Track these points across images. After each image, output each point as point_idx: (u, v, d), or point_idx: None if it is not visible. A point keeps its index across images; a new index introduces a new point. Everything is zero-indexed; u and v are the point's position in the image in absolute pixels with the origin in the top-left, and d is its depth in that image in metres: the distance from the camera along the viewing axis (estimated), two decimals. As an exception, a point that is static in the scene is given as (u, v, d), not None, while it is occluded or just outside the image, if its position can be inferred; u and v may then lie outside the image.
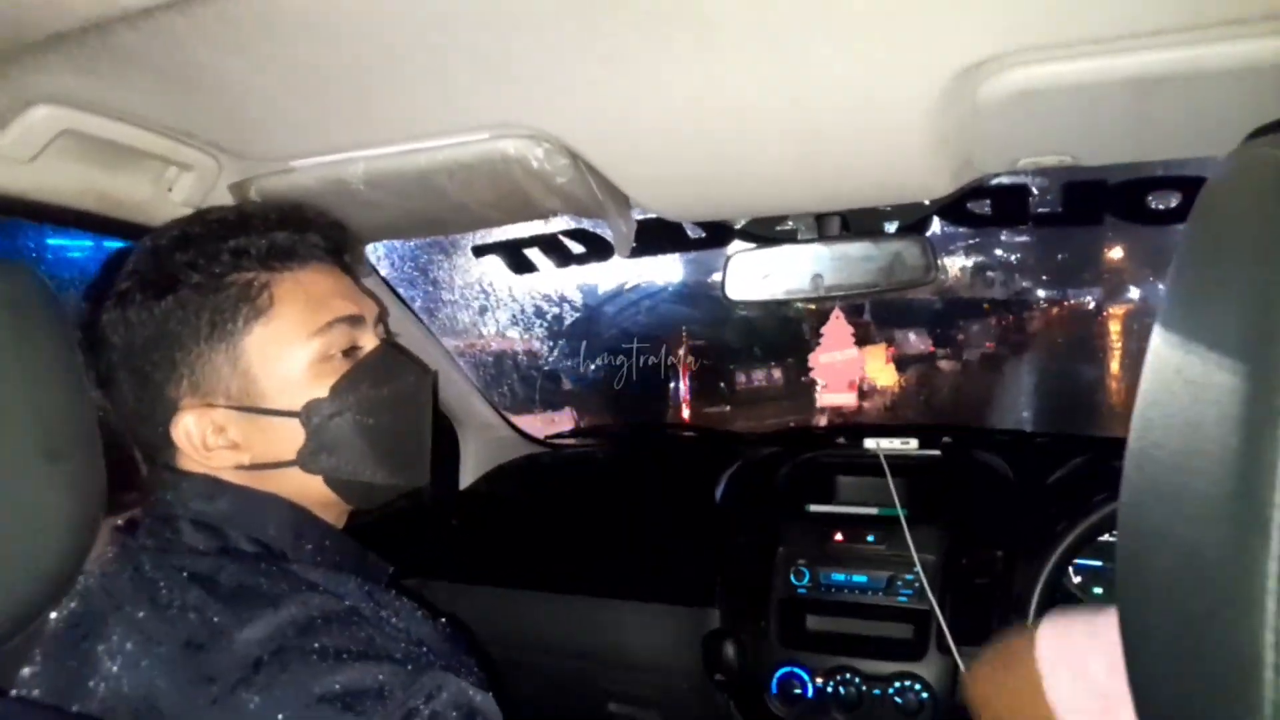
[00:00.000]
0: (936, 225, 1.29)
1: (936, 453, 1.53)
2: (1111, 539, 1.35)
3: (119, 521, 0.79)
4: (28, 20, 0.62)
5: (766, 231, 1.21)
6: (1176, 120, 0.82)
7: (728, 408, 7.71)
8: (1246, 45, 0.67)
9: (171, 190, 0.97)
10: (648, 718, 1.60)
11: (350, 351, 0.83)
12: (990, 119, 0.80)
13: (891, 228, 1.18)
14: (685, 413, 7.08)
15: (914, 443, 1.53)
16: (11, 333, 0.55)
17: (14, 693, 0.67)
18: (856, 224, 1.17)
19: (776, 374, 8.44)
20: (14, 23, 0.62)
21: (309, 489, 0.82)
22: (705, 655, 1.47)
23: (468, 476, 1.82)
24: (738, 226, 1.26)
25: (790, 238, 1.19)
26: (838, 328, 1.22)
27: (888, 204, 1.08)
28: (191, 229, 0.80)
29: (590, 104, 0.83)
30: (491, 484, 1.84)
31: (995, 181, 1.12)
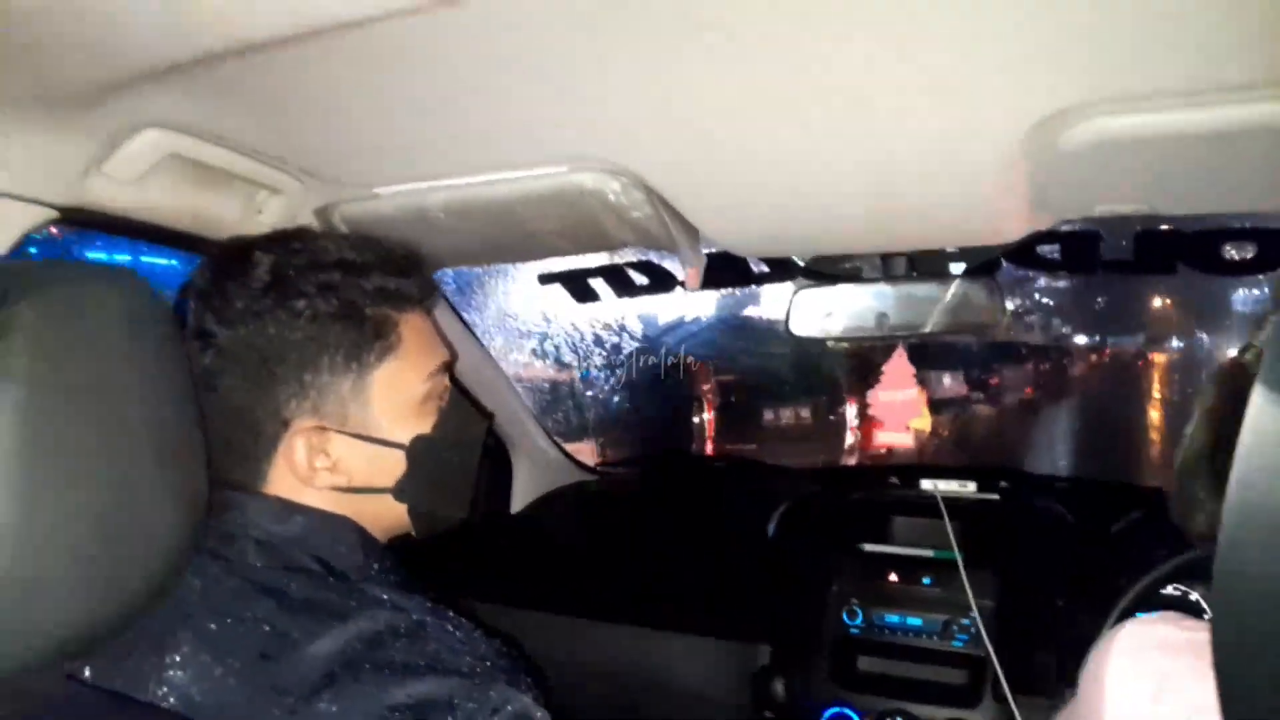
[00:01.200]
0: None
1: (995, 496, 1.51)
2: (1175, 592, 1.32)
3: None
4: (149, 50, 0.66)
5: (831, 269, 1.21)
6: (1257, 173, 0.81)
7: (754, 445, 7.59)
8: None
9: (261, 213, 1.01)
10: (692, 752, 1.59)
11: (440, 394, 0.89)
12: (1069, 167, 0.80)
13: (958, 269, 1.18)
14: (709, 449, 6.99)
15: (972, 485, 1.52)
16: (127, 341, 0.57)
17: None
18: (922, 265, 1.17)
19: (805, 413, 8.33)
20: (136, 52, 0.66)
21: (384, 515, 0.86)
22: (754, 691, 1.46)
23: (519, 501, 1.84)
24: (802, 264, 1.27)
25: (855, 276, 1.19)
26: (900, 366, 1.22)
27: (958, 246, 1.08)
28: (329, 255, 0.82)
29: (668, 140, 0.84)
30: (543, 509, 1.86)
31: (1066, 227, 1.12)
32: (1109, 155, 0.77)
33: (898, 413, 1.25)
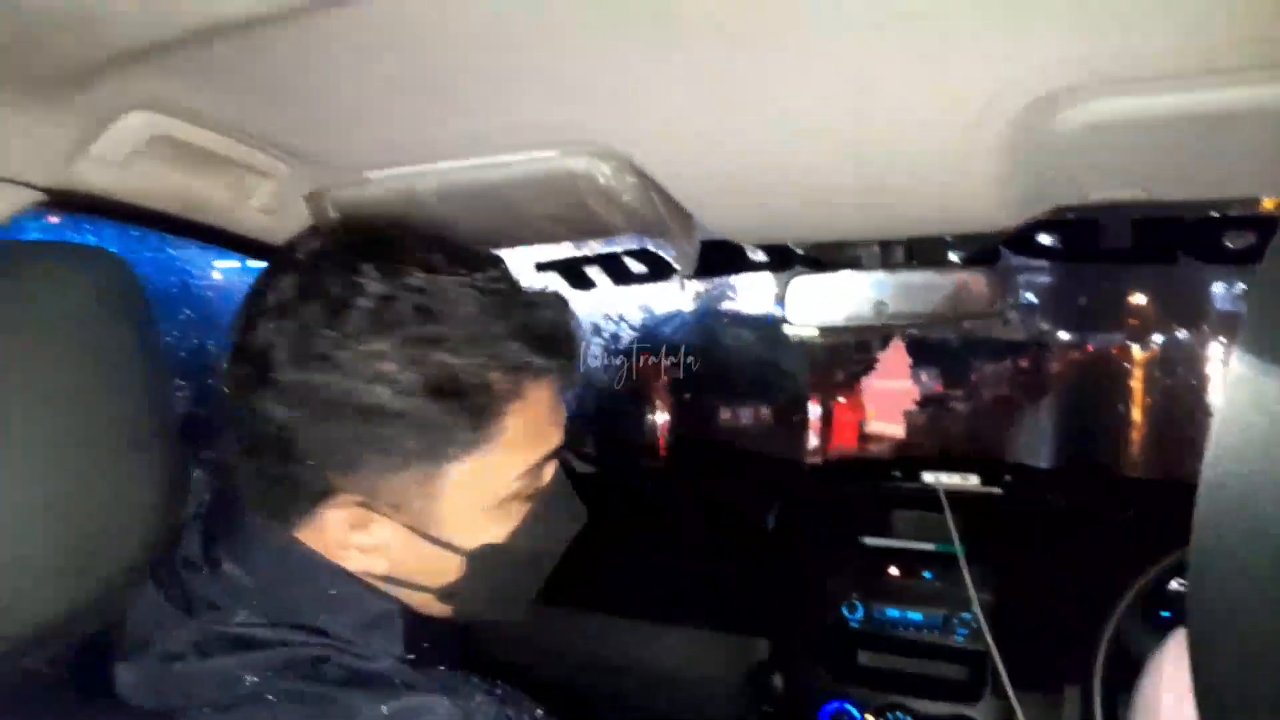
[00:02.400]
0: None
1: (998, 490, 1.50)
2: (1180, 587, 1.31)
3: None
4: (132, 29, 0.65)
5: (828, 256, 1.20)
6: (1255, 157, 0.80)
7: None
8: None
9: (251, 197, 1.01)
10: (690, 746, 1.59)
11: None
12: (1064, 150, 0.79)
13: (957, 257, 1.17)
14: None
15: (975, 478, 1.50)
16: (100, 321, 0.57)
17: None
18: (921, 252, 1.15)
19: (765, 412, 7.98)
20: (120, 33, 0.66)
21: (420, 605, 0.73)
22: (753, 686, 1.45)
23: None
24: (800, 251, 1.25)
25: (854, 263, 1.18)
26: (897, 357, 1.21)
27: (954, 233, 1.07)
28: (445, 300, 0.65)
29: (659, 123, 0.84)
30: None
31: (1066, 216, 1.10)
32: (1105, 139, 0.76)
33: (891, 401, 1.24)
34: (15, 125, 0.77)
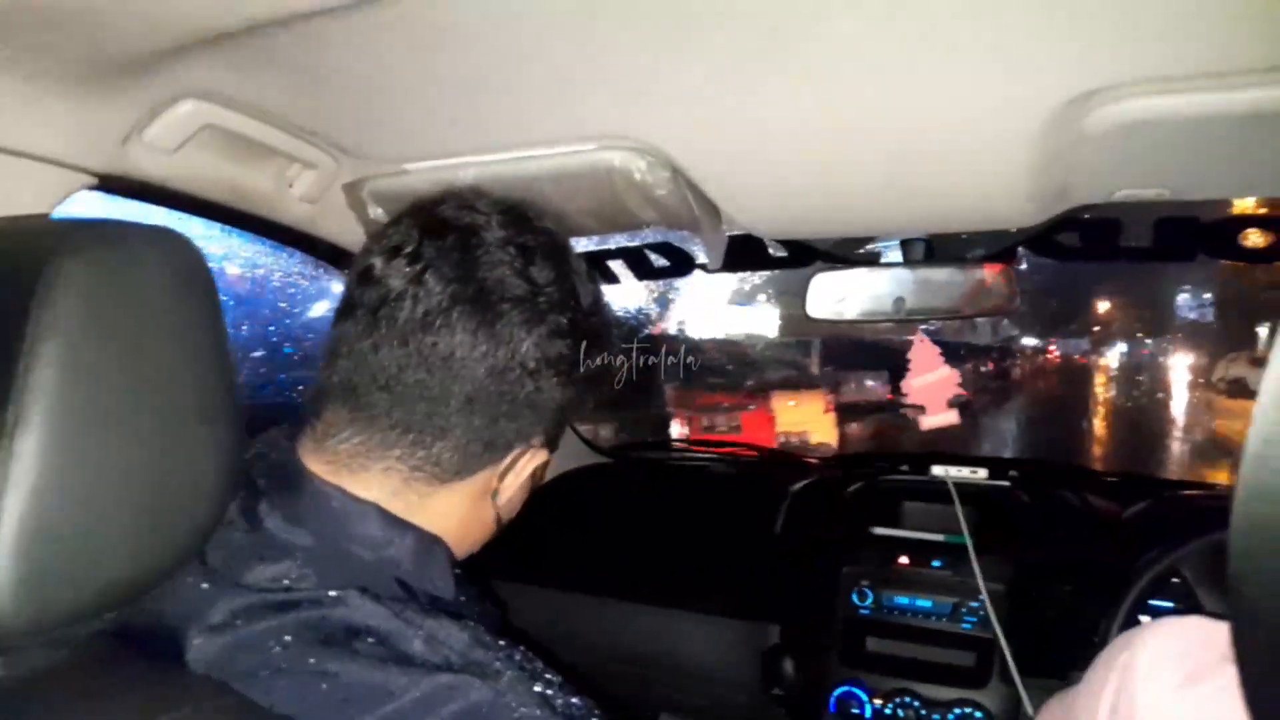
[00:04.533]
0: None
1: (1006, 484, 1.53)
2: (1178, 581, 1.33)
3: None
4: (198, 18, 0.67)
5: (849, 253, 1.23)
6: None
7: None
8: None
9: (292, 186, 1.02)
10: (699, 730, 1.61)
11: None
12: (1093, 149, 0.81)
13: (975, 254, 1.19)
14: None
15: (983, 472, 1.53)
16: (171, 299, 0.59)
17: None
18: (941, 250, 1.18)
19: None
20: (186, 20, 0.67)
21: (471, 546, 0.82)
22: (764, 670, 1.47)
23: (534, 481, 1.85)
24: (820, 248, 1.28)
25: (873, 260, 1.21)
26: (924, 350, 1.23)
27: (977, 230, 1.10)
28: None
29: (695, 119, 0.86)
30: (556, 489, 1.87)
31: (1085, 215, 1.12)
32: (1135, 137, 0.78)
33: (936, 393, 1.26)
34: (74, 110, 0.79)
